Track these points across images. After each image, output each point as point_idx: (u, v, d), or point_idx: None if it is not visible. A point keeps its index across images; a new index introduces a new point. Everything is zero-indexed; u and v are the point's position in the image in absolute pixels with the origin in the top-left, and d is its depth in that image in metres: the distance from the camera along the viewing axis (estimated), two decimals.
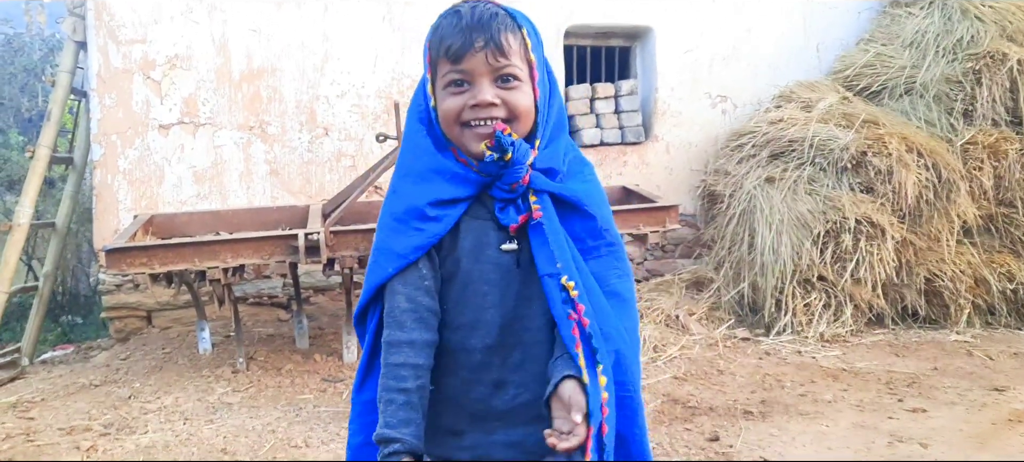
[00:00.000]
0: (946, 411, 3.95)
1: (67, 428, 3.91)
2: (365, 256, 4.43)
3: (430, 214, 1.37)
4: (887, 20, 6.74)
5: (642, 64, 6.96)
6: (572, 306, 1.32)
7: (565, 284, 1.32)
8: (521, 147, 1.34)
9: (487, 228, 1.40)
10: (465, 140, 1.36)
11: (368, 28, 6.06)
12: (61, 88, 5.80)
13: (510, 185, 1.36)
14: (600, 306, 1.36)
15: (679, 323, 5.51)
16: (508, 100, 1.34)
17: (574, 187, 1.41)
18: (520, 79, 1.35)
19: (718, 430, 3.73)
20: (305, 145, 6.00)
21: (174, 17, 5.73)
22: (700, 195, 6.63)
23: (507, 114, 1.35)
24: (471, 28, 1.33)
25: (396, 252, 1.38)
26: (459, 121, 1.35)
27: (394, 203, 1.42)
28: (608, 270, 1.41)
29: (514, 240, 1.39)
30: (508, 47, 1.33)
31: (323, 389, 4.47)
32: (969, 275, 5.54)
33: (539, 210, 1.37)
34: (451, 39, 1.34)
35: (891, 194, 5.35)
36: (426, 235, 1.37)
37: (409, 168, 1.42)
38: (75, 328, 7.14)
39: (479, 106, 1.33)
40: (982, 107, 5.76)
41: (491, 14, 1.34)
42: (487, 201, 1.40)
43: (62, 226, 6.06)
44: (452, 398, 1.42)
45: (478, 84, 1.34)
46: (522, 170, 1.35)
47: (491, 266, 1.39)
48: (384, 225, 1.42)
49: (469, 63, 1.33)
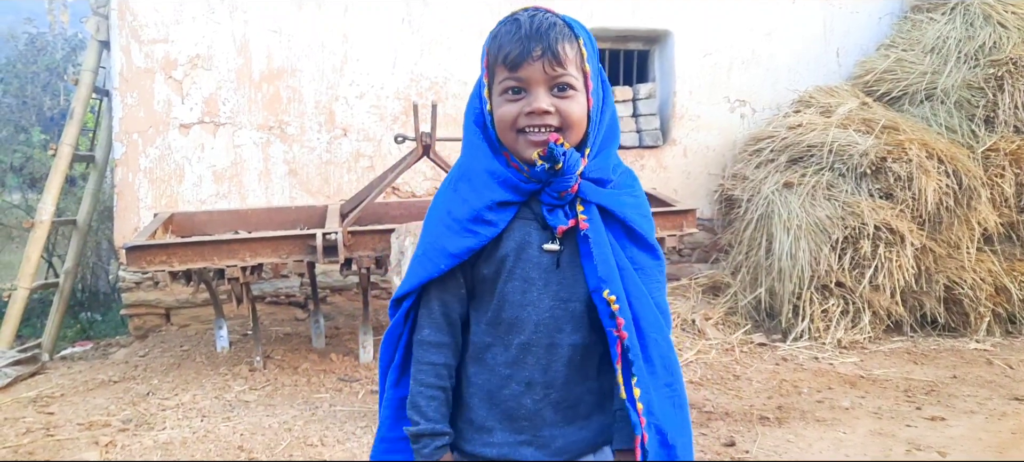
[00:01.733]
0: (965, 420, 3.91)
1: (86, 423, 3.95)
2: (382, 256, 4.45)
3: (487, 217, 1.40)
4: (908, 25, 6.69)
5: (660, 67, 6.95)
6: (614, 321, 1.35)
7: (607, 298, 1.35)
8: (572, 156, 1.36)
9: (531, 228, 1.42)
10: (519, 146, 1.38)
11: (387, 29, 6.09)
12: (84, 87, 5.87)
13: (559, 192, 1.38)
14: (650, 318, 1.40)
15: (696, 328, 5.49)
16: (562, 109, 1.36)
17: (623, 201, 1.43)
18: (575, 88, 1.37)
19: (734, 435, 3.72)
20: (324, 145, 6.03)
21: (196, 17, 5.79)
22: (718, 199, 6.61)
23: (560, 122, 1.36)
24: (529, 37, 1.34)
25: (450, 251, 1.41)
26: (515, 127, 1.37)
27: (453, 201, 1.43)
28: (653, 283, 1.44)
29: (557, 241, 1.41)
30: (565, 56, 1.35)
31: (339, 388, 4.49)
32: (989, 283, 5.48)
33: (586, 221, 1.39)
34: (510, 47, 1.35)
35: (911, 200, 5.31)
36: (479, 238, 1.40)
37: (467, 169, 1.44)
38: (95, 325, 7.22)
39: (534, 113, 1.35)
40: (1004, 114, 5.71)
41: (550, 24, 1.36)
42: (534, 204, 1.42)
43: (83, 223, 6.13)
44: (486, 395, 1.44)
45: (534, 92, 1.36)
46: (572, 179, 1.37)
47: (533, 265, 1.41)
48: (439, 220, 1.44)
49: (526, 71, 1.35)
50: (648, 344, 1.38)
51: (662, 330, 1.41)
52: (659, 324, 1.40)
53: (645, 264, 1.44)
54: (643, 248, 1.45)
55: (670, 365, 1.41)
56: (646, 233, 1.45)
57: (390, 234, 4.33)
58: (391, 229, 4.36)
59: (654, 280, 1.44)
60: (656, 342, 1.39)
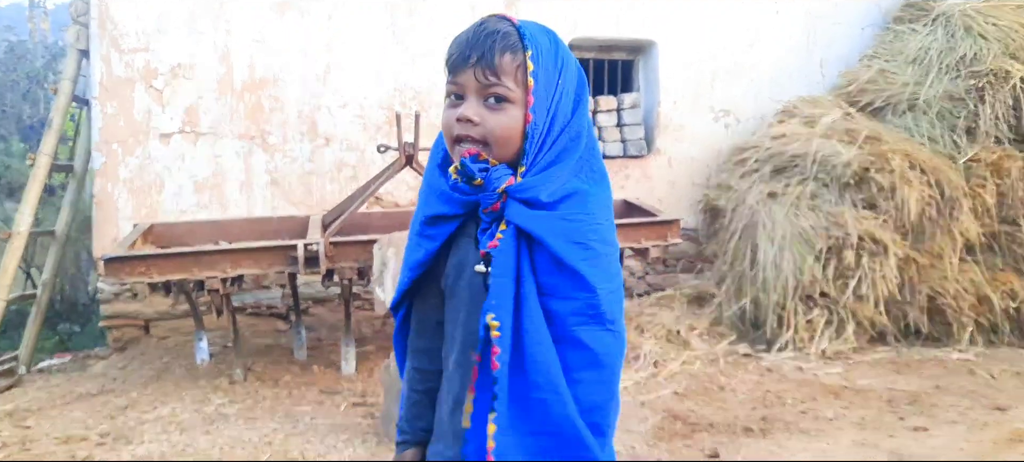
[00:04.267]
0: (947, 430, 3.92)
1: (63, 438, 3.89)
2: (364, 267, 4.44)
3: (427, 232, 1.40)
4: (890, 36, 6.73)
5: (645, 78, 6.96)
6: (488, 347, 1.27)
7: (489, 322, 1.27)
8: (496, 172, 1.31)
9: (470, 247, 1.38)
10: (454, 156, 1.35)
11: (371, 38, 6.06)
12: (63, 96, 5.80)
13: (484, 210, 1.34)
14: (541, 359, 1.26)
15: (680, 338, 5.48)
16: (489, 121, 1.31)
17: (552, 226, 1.30)
18: (510, 101, 1.31)
19: (718, 447, 3.71)
20: (306, 155, 5.99)
21: (177, 26, 5.74)
22: (702, 209, 6.62)
23: (480, 135, 1.31)
24: (469, 43, 1.31)
25: (408, 263, 1.44)
26: (451, 136, 1.34)
27: (415, 214, 1.46)
28: (572, 314, 1.29)
29: (484, 263, 1.35)
30: (500, 66, 1.29)
31: (321, 401, 4.44)
32: (972, 293, 5.51)
33: (499, 243, 1.31)
34: (452, 51, 1.33)
35: (894, 211, 5.33)
36: (424, 251, 1.41)
37: (424, 181, 1.46)
38: (73, 337, 7.12)
39: (461, 121, 1.31)
40: (985, 124, 5.75)
41: (493, 31, 1.31)
42: (479, 220, 1.38)
43: (61, 234, 6.05)
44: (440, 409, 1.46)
45: (467, 99, 1.32)
46: (492, 196, 1.32)
47: (465, 284, 1.37)
48: (410, 233, 1.48)
49: (462, 77, 1.31)
50: (529, 386, 1.26)
51: (552, 379, 1.25)
52: (550, 371, 1.26)
53: (563, 292, 1.29)
54: (569, 277, 1.29)
55: (553, 420, 1.25)
56: (573, 261, 1.28)
57: (372, 245, 4.30)
58: (373, 240, 4.33)
59: (576, 313, 1.29)
60: (538, 386, 1.25)
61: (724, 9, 6.81)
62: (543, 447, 1.27)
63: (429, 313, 1.47)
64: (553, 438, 1.26)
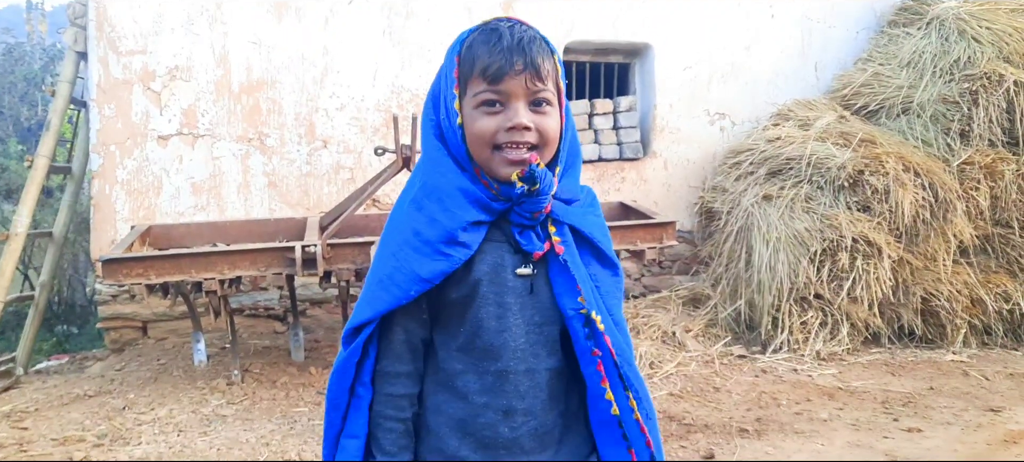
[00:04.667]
0: (941, 431, 3.94)
1: (60, 439, 3.89)
2: (362, 269, 4.41)
3: (461, 239, 1.33)
4: (885, 40, 6.77)
5: (641, 80, 6.99)
6: (595, 342, 1.35)
7: (594, 319, 1.34)
8: (546, 177, 1.33)
9: (503, 251, 1.37)
10: (494, 163, 1.33)
11: (368, 41, 6.08)
12: (61, 98, 5.81)
13: (531, 213, 1.35)
14: (616, 334, 1.39)
15: (676, 340, 5.50)
16: (540, 125, 1.32)
17: (590, 221, 1.43)
18: (552, 104, 1.34)
19: (714, 448, 3.72)
20: (304, 157, 6.01)
21: (175, 29, 5.75)
22: (697, 212, 6.64)
23: (538, 139, 1.33)
24: (512, 49, 1.30)
25: (421, 276, 1.32)
26: (491, 143, 1.32)
27: (418, 221, 1.34)
28: (614, 300, 1.43)
29: (530, 265, 1.38)
30: (545, 71, 1.32)
31: (318, 402, 4.45)
32: (965, 295, 5.54)
33: (561, 244, 1.37)
34: (490, 58, 1.30)
35: (888, 213, 5.36)
36: (452, 261, 1.33)
37: (434, 186, 1.35)
38: (71, 338, 7.14)
39: (515, 129, 1.31)
40: (979, 127, 5.79)
41: (531, 37, 1.33)
42: (503, 224, 1.38)
43: (59, 236, 6.06)
44: (457, 424, 1.39)
45: (513, 106, 1.31)
46: (545, 200, 1.34)
47: (507, 290, 1.37)
48: (404, 242, 1.35)
49: (508, 84, 1.30)
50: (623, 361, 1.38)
51: (626, 342, 1.41)
52: (626, 338, 1.41)
53: (606, 281, 1.42)
54: (605, 265, 1.44)
55: (639, 376, 1.41)
56: (608, 250, 1.44)
57: (370, 246, 4.32)
58: (371, 241, 4.35)
59: (613, 296, 1.43)
60: (626, 356, 1.38)
61: (720, 13, 6.84)
62: (654, 428, 1.40)
63: (416, 330, 1.39)
64: (646, 394, 1.41)
